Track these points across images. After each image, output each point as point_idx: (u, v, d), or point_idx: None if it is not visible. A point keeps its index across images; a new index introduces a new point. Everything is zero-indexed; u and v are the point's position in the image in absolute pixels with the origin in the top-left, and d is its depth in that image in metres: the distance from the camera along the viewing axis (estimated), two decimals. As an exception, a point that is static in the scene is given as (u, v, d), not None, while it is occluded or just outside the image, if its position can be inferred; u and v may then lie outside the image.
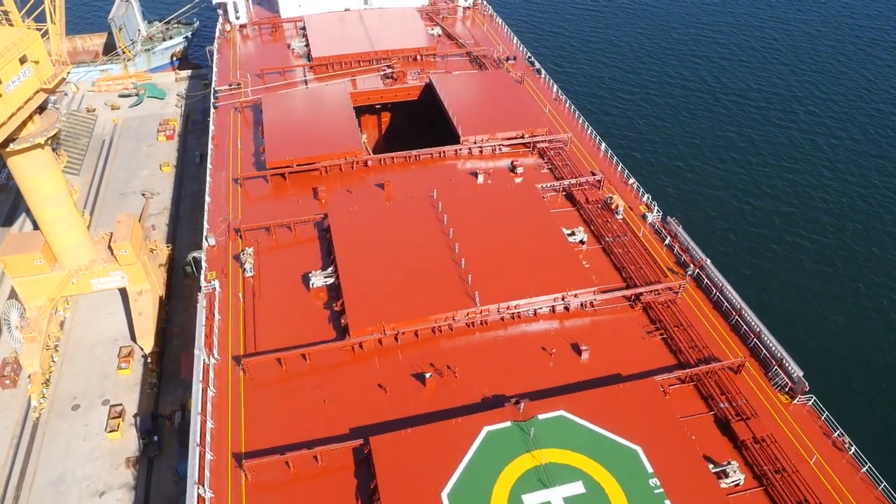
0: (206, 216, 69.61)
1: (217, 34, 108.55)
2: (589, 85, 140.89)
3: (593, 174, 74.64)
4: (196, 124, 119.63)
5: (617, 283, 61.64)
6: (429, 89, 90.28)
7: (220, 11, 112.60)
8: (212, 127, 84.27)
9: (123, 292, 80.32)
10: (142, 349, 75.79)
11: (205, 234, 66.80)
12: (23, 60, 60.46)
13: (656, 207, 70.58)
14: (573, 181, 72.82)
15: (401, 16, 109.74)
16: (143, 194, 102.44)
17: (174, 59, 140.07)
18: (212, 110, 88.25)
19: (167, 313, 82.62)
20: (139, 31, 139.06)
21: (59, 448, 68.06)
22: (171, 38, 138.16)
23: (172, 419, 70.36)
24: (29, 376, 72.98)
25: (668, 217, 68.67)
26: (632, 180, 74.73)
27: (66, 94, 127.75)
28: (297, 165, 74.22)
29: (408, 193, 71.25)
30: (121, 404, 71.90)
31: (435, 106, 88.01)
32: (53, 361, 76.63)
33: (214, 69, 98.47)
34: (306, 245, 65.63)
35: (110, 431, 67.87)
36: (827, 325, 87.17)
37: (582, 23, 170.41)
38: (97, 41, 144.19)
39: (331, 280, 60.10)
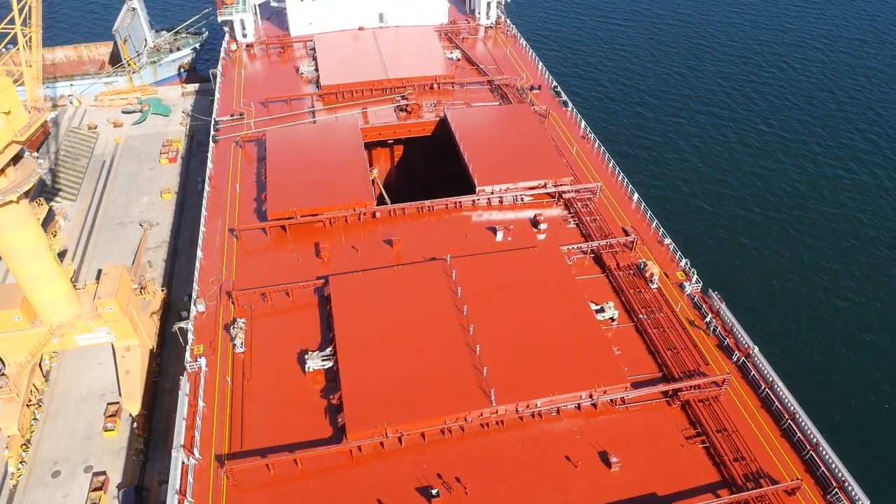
0: (196, 275, 63.40)
1: (222, 53, 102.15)
2: (619, 117, 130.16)
3: (625, 233, 67.32)
4: (201, 145, 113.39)
5: (651, 370, 54.59)
6: (444, 124, 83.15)
7: (225, 29, 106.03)
8: (209, 165, 77.97)
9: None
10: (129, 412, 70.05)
11: (193, 298, 60.65)
12: (-7, 110, 54.44)
13: (695, 275, 63.17)
14: (603, 242, 65.53)
15: (418, 36, 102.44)
16: (140, 225, 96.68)
17: (181, 70, 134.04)
18: (211, 144, 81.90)
19: (159, 365, 76.91)
20: (146, 41, 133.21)
21: (35, 524, 62.75)
22: (178, 49, 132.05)
23: (160, 493, 64.68)
24: (7, 439, 67.60)
25: (710, 290, 61.21)
26: (668, 240, 67.30)
27: (68, 107, 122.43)
28: (301, 217, 67.69)
29: (419, 253, 64.47)
30: (104, 473, 66.33)
31: (451, 140, 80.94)
32: (35, 419, 71.25)
33: (217, 95, 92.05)
34: (304, 314, 59.20)
35: (90, 506, 62.37)
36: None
37: (612, 43, 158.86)
38: (103, 50, 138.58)
39: (329, 364, 53.63)
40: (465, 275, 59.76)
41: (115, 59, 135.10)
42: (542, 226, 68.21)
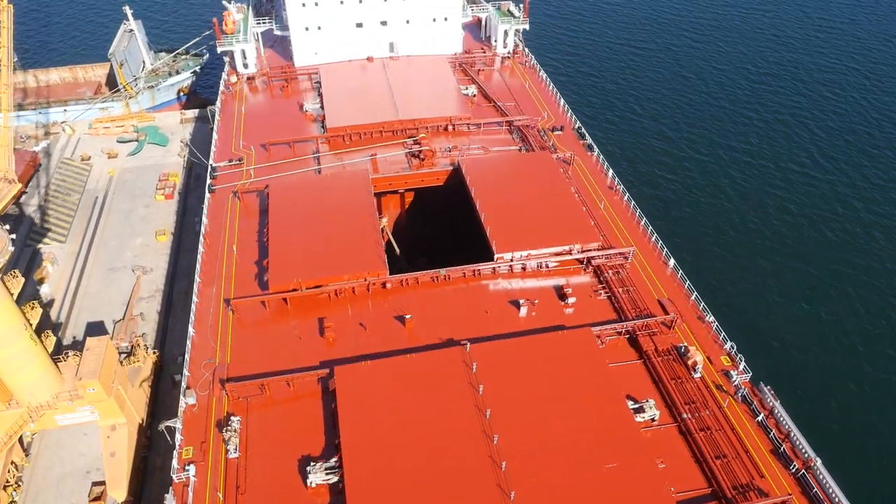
0: (187, 357, 57.10)
1: (221, 86, 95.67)
2: (648, 161, 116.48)
3: (663, 308, 60.72)
4: (199, 179, 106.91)
5: (699, 484, 48.06)
6: (458, 173, 76.51)
7: (226, 59, 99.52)
8: (204, 220, 71.61)
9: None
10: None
11: (183, 387, 54.36)
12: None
13: (742, 362, 56.48)
14: (638, 322, 58.89)
15: (431, 69, 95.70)
16: (133, 270, 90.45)
17: (181, 94, 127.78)
18: (206, 195, 75.48)
19: (149, 439, 70.64)
20: (143, 63, 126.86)
21: None
22: (177, 72, 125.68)
23: None
24: (-20, 529, 61.61)
25: (761, 383, 54.51)
26: (710, 317, 60.63)
27: (61, 135, 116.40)
28: (306, 289, 61.25)
29: (434, 332, 58.02)
30: (86, 568, 60.28)
31: (466, 191, 74.25)
32: (13, 502, 65.16)
33: (214, 136, 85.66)
34: (306, 408, 52.83)
35: None
36: None
37: (639, 74, 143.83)
38: (99, 72, 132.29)
39: (333, 478, 47.22)
40: (487, 366, 53.21)
41: (112, 80, 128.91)
42: (571, 299, 61.56)
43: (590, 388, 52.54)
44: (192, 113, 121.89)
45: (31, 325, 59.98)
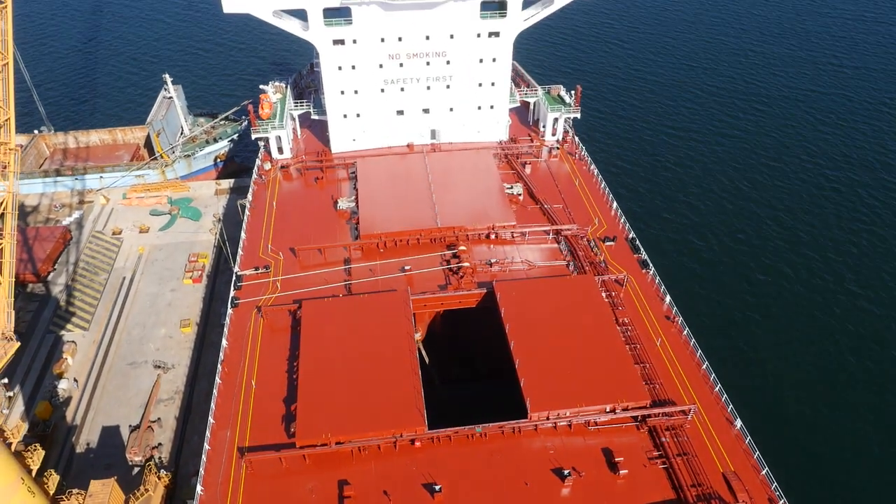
0: (193, 525, 51.75)
1: (254, 174, 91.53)
2: (708, 281, 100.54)
3: (728, 485, 53.00)
4: (228, 262, 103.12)
5: None
6: (492, 297, 69.83)
7: (261, 143, 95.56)
8: (224, 343, 66.71)
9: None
10: None
11: (186, 568, 48.88)
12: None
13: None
14: (701, 495, 51.34)
15: (474, 164, 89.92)
16: (155, 366, 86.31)
17: (217, 161, 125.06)
18: (229, 310, 70.69)
19: (155, 578, 65.48)
20: (181, 128, 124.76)
21: None
22: (215, 140, 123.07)
23: None
24: None
25: None
26: (783, 501, 52.61)
27: (95, 204, 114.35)
28: (335, 444, 55.43)
29: (467, 509, 51.40)
30: None
31: (499, 319, 67.51)
32: None
33: (243, 235, 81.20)
34: None
35: None
36: None
37: (704, 173, 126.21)
38: (138, 134, 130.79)
39: None
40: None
41: (150, 142, 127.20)
42: (622, 470, 54.24)
43: None
44: (227, 183, 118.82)
45: (31, 471, 55.59)
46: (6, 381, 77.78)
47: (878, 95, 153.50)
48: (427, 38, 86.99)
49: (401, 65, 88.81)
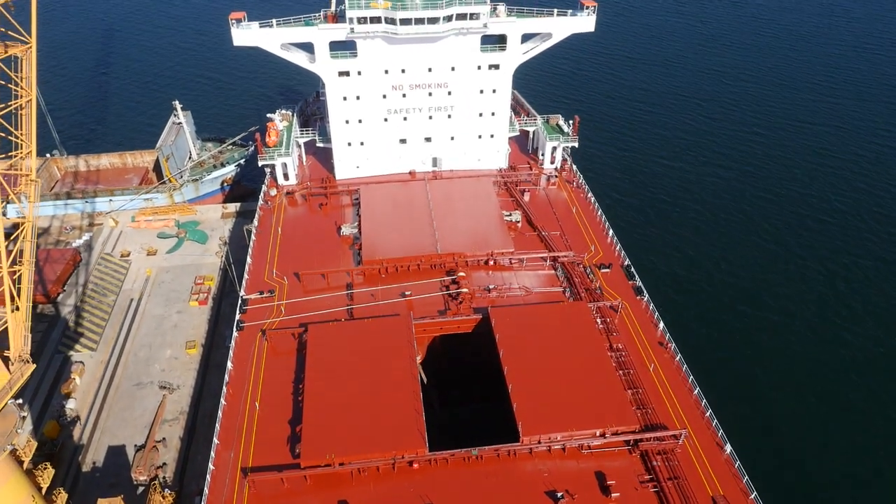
0: (197, 545, 53.37)
1: (260, 200, 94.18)
2: (701, 307, 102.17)
3: (717, 512, 54.50)
4: (233, 284, 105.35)
5: None
6: (487, 323, 71.86)
7: (267, 170, 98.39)
8: (229, 366, 68.71)
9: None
10: None
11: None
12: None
13: None
14: (693, 527, 52.89)
15: (474, 192, 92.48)
16: (160, 387, 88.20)
17: (224, 185, 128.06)
18: (234, 333, 72.82)
19: None
20: (190, 153, 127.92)
21: None
22: (222, 164, 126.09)
23: None
24: None
25: None
26: (772, 528, 54.09)
27: (104, 227, 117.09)
28: (339, 465, 57.17)
29: (463, 531, 52.94)
30: None
31: (494, 344, 69.50)
32: None
33: (248, 260, 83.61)
34: None
35: None
36: None
37: (698, 202, 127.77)
38: (147, 158, 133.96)
39: None
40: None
41: (159, 166, 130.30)
42: (615, 494, 55.78)
43: None
44: (233, 207, 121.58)
45: (41, 489, 57.37)
46: (20, 401, 79.60)
47: (881, 139, 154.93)
48: (429, 70, 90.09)
49: (404, 95, 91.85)
